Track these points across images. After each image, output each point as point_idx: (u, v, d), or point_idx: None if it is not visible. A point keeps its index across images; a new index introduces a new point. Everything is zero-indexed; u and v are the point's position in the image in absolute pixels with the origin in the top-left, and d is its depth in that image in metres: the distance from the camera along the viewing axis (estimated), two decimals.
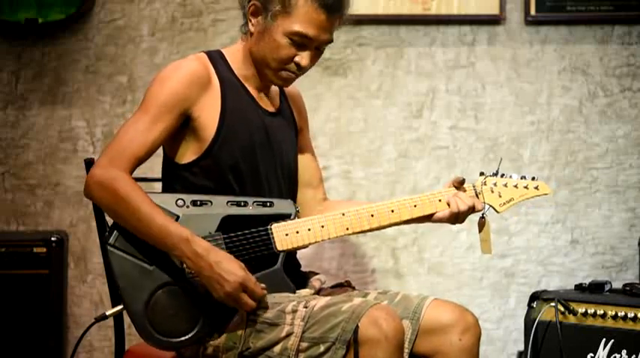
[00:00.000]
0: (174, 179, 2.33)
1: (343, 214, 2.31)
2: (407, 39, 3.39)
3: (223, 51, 2.40)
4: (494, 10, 3.34)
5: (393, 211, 2.35)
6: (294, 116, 2.52)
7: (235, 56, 2.37)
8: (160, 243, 2.17)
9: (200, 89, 2.26)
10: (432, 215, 2.37)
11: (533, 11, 3.35)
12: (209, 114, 2.28)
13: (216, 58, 2.35)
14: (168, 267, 2.21)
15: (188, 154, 2.30)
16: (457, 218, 2.36)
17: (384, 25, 3.38)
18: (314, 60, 2.33)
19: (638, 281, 3.14)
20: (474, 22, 3.38)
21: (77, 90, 3.37)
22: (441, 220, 2.38)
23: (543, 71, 3.39)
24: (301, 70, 2.32)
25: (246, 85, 2.37)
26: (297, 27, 2.26)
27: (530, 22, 3.37)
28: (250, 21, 2.32)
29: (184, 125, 2.28)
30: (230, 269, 2.14)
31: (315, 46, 2.30)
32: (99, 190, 2.20)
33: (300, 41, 2.27)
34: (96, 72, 3.37)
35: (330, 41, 2.33)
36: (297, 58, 2.29)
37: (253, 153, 2.33)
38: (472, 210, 2.36)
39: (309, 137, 2.62)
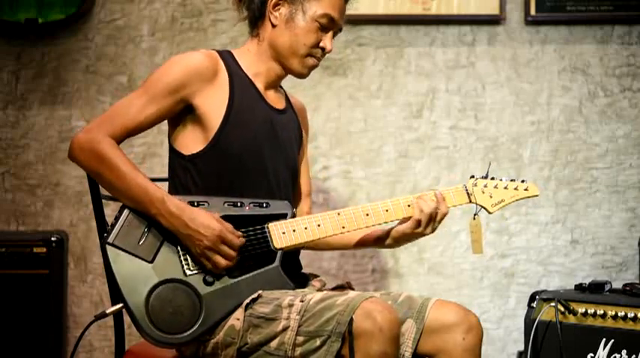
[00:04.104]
0: (180, 171, 2.35)
1: (339, 213, 2.34)
2: (407, 39, 3.39)
3: (232, 51, 2.45)
4: (494, 10, 3.34)
5: (387, 211, 2.38)
6: (299, 123, 2.56)
7: (245, 55, 2.43)
8: (137, 202, 2.22)
9: (203, 81, 2.31)
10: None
11: (533, 11, 3.35)
12: (215, 104, 2.31)
13: (226, 55, 2.41)
14: (167, 264, 2.22)
15: (194, 144, 2.33)
16: (420, 223, 2.34)
17: (384, 25, 3.38)
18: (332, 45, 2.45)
19: (638, 281, 3.14)
20: (474, 22, 3.38)
21: (77, 90, 3.38)
22: (411, 230, 2.35)
23: (543, 71, 3.39)
24: (324, 54, 2.43)
25: (255, 82, 2.41)
26: (324, 10, 2.37)
27: (530, 22, 3.37)
28: (272, 14, 2.39)
29: (187, 114, 2.32)
30: (205, 223, 2.20)
31: (334, 31, 2.42)
32: (81, 150, 2.25)
33: (326, 24, 2.39)
34: (96, 72, 3.38)
35: (341, 29, 2.46)
36: (321, 43, 2.40)
37: (259, 145, 2.36)
38: (436, 212, 2.35)
39: (306, 151, 2.65)
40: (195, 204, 2.26)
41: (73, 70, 3.38)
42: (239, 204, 2.29)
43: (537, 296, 2.88)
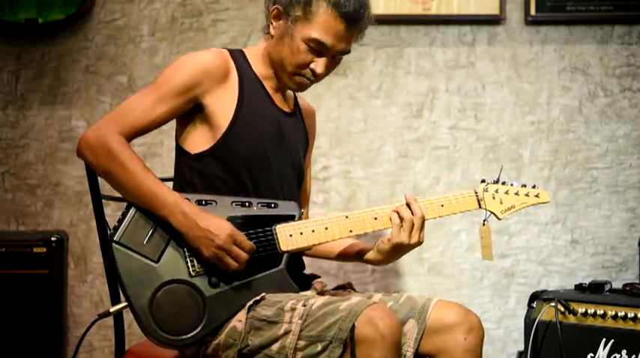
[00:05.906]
0: (186, 169, 2.34)
1: (347, 217, 2.33)
2: (407, 39, 3.39)
3: (244, 50, 2.44)
4: (494, 10, 3.34)
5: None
6: (306, 129, 2.55)
7: (255, 55, 2.41)
8: (148, 202, 2.20)
9: (214, 81, 2.29)
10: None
11: (533, 11, 3.35)
12: (224, 104, 2.30)
13: (237, 55, 2.39)
14: (173, 264, 2.22)
15: (201, 143, 2.32)
16: (402, 226, 2.32)
17: (384, 25, 3.38)
18: (329, 68, 2.36)
19: (638, 281, 3.14)
20: (474, 22, 3.38)
21: (77, 90, 3.38)
22: (397, 237, 2.33)
23: (543, 71, 3.39)
24: (316, 77, 2.35)
25: (264, 83, 2.40)
26: (315, 34, 2.29)
27: (530, 22, 3.37)
28: (272, 24, 2.36)
29: (196, 113, 2.31)
30: (218, 224, 2.19)
31: (331, 54, 2.34)
32: (91, 148, 2.23)
33: (317, 48, 2.31)
34: (96, 72, 3.38)
35: (348, 51, 2.36)
36: (312, 65, 2.33)
37: (265, 145, 2.35)
38: (412, 214, 2.32)
39: (311, 157, 2.64)
40: (204, 202, 2.25)
41: (73, 70, 3.38)
42: (247, 204, 2.28)
43: (537, 297, 2.88)
